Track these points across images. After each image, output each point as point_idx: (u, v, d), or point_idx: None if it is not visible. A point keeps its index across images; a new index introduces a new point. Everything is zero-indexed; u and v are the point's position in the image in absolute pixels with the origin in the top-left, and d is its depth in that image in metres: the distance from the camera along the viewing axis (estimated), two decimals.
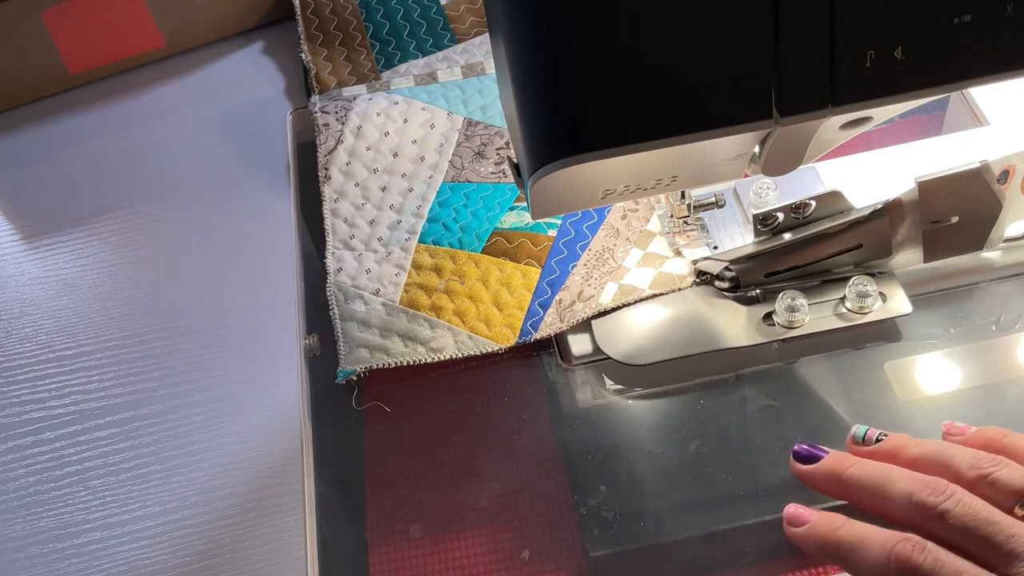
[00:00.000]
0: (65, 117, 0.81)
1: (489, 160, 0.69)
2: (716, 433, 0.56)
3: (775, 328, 0.58)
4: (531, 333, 0.60)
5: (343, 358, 0.59)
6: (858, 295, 0.57)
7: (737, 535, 0.53)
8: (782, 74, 0.42)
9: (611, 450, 0.57)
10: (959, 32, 0.42)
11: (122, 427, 0.63)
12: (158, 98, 0.82)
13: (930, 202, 0.56)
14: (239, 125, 0.79)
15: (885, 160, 0.65)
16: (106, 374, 0.66)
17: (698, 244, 0.62)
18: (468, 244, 0.64)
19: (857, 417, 0.56)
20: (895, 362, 0.59)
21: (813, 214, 0.58)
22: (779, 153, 0.49)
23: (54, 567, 0.58)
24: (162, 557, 0.58)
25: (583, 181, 0.48)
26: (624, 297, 0.60)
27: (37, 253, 0.73)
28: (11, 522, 0.60)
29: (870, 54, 0.42)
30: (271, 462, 0.61)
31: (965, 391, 0.57)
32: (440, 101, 0.73)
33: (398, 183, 0.68)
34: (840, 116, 0.45)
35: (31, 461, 0.62)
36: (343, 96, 0.74)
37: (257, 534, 0.58)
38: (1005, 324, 0.60)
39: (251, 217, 0.73)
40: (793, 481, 0.53)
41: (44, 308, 0.70)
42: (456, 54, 0.77)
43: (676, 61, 0.41)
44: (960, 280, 0.61)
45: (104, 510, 0.60)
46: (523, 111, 0.43)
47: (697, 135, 0.43)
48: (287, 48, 0.83)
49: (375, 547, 0.56)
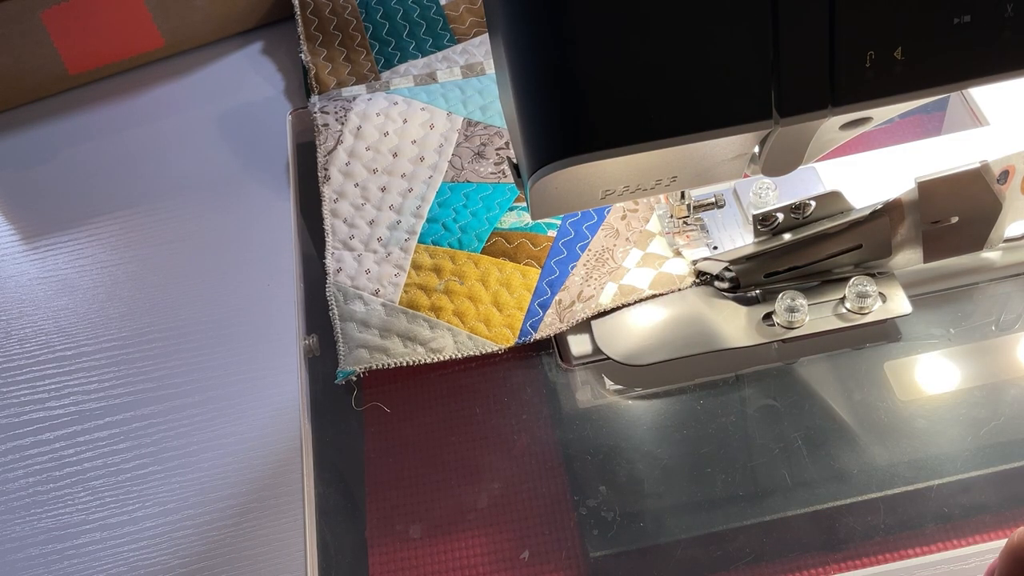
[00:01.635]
0: (65, 117, 0.81)
1: (489, 160, 0.69)
2: (716, 433, 0.56)
3: (775, 328, 0.57)
4: (531, 333, 0.60)
5: (343, 358, 0.59)
6: (858, 295, 0.57)
7: (737, 535, 0.53)
8: (782, 74, 0.42)
9: (611, 450, 0.57)
10: (959, 32, 0.42)
11: (122, 427, 0.63)
12: (158, 98, 0.82)
13: (930, 202, 0.56)
14: (239, 125, 0.79)
15: (885, 160, 0.65)
16: (105, 375, 0.66)
17: (698, 244, 0.62)
18: (468, 244, 0.64)
19: (857, 417, 0.56)
20: (895, 362, 0.59)
21: (813, 214, 0.58)
22: (779, 153, 0.49)
23: (54, 568, 0.58)
24: (162, 557, 0.58)
25: (583, 181, 0.48)
26: (624, 297, 0.60)
27: (37, 253, 0.73)
28: (11, 523, 0.60)
29: (870, 54, 0.42)
30: (271, 462, 0.61)
31: (965, 391, 0.57)
32: (440, 101, 0.73)
33: (398, 183, 0.68)
34: (840, 116, 0.45)
35: (31, 462, 0.62)
36: (343, 96, 0.74)
37: (257, 534, 0.58)
38: (1005, 324, 0.60)
39: (251, 217, 0.73)
40: (793, 481, 0.53)
41: (44, 309, 0.70)
42: (456, 54, 0.77)
43: (676, 61, 0.41)
44: (960, 280, 0.61)
45: (104, 511, 0.60)
46: (523, 111, 0.43)
47: (697, 135, 0.43)
48: (287, 48, 0.83)
49: (375, 547, 0.56)
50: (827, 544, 0.53)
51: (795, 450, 0.55)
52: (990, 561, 0.49)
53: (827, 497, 0.54)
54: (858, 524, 0.53)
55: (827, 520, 0.54)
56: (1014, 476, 0.54)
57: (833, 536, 0.53)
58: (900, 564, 0.52)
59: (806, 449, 0.55)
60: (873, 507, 0.54)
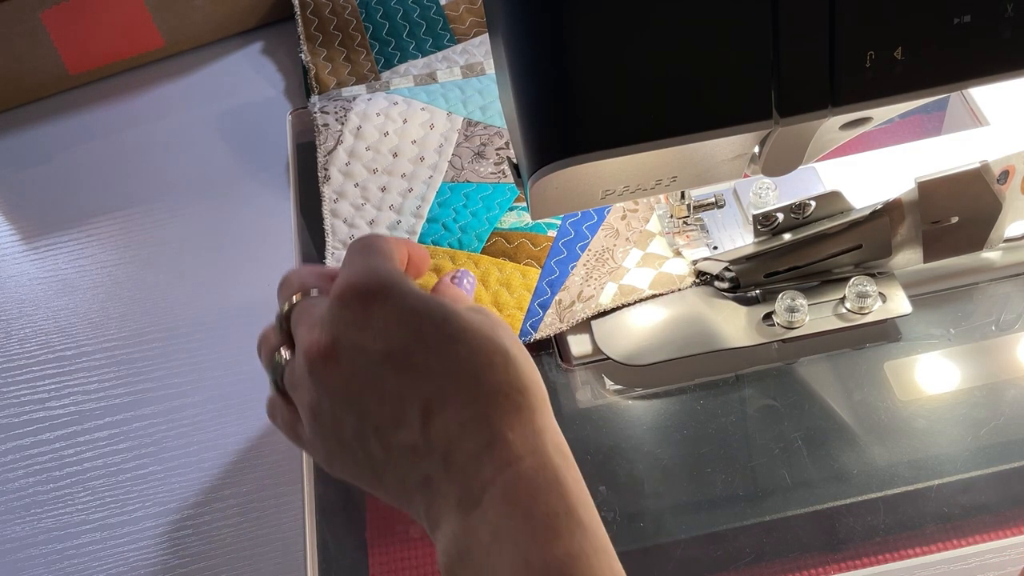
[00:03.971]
0: (65, 117, 0.81)
1: (489, 160, 0.69)
2: (716, 433, 0.56)
3: (775, 328, 0.57)
4: (531, 333, 0.60)
5: None
6: (858, 295, 0.57)
7: (737, 535, 0.53)
8: (782, 74, 0.42)
9: (611, 450, 0.56)
10: (959, 32, 0.42)
11: (122, 427, 0.63)
12: (158, 98, 0.82)
13: (930, 202, 0.56)
14: (239, 125, 0.79)
15: (885, 160, 0.65)
16: (106, 374, 0.66)
17: (698, 244, 0.62)
18: (468, 244, 0.64)
19: (857, 417, 0.56)
20: (895, 362, 0.59)
21: (813, 214, 0.58)
22: (779, 153, 0.49)
23: (54, 568, 0.58)
24: (162, 557, 0.58)
25: (583, 181, 0.48)
26: (624, 297, 0.60)
27: (37, 253, 0.73)
28: (11, 523, 0.60)
29: (870, 54, 0.42)
30: (271, 462, 0.61)
31: (965, 391, 0.57)
32: (440, 101, 0.73)
33: (397, 183, 0.68)
34: (840, 116, 0.45)
35: (31, 462, 0.62)
36: (343, 96, 0.74)
37: (257, 534, 0.58)
38: (1005, 324, 0.60)
39: (251, 217, 0.73)
40: (793, 481, 0.53)
41: (44, 308, 0.70)
42: (456, 54, 0.77)
43: (676, 61, 0.41)
44: (960, 280, 0.61)
45: (104, 511, 0.60)
46: (523, 111, 0.43)
47: (697, 135, 0.43)
48: (287, 48, 0.83)
49: (375, 547, 0.56)
50: (827, 544, 0.53)
51: (795, 450, 0.55)
52: (990, 561, 0.49)
53: (827, 497, 0.54)
54: (858, 524, 0.53)
55: (827, 520, 0.54)
56: (1014, 476, 0.54)
57: (833, 536, 0.53)
58: (900, 564, 0.52)
59: (806, 449, 0.55)
60: (873, 507, 0.54)
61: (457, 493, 0.40)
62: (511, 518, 0.39)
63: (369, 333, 0.42)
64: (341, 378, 0.43)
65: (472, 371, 0.41)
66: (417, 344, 0.42)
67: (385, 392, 0.42)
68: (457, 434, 0.41)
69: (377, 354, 0.42)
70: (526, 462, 0.40)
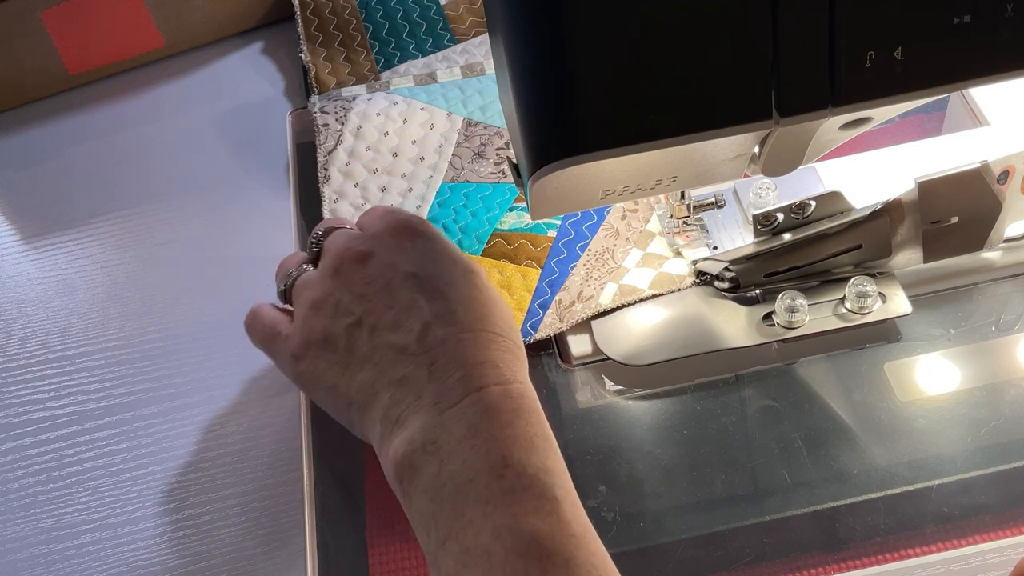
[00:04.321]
0: (65, 117, 0.81)
1: (489, 160, 0.69)
2: (716, 433, 0.56)
3: (775, 328, 0.57)
4: (531, 334, 0.59)
5: None
6: (858, 295, 0.57)
7: (737, 535, 0.53)
8: (782, 74, 0.42)
9: (611, 451, 0.57)
10: (959, 32, 0.42)
11: (122, 427, 0.63)
12: (158, 98, 0.82)
13: (930, 202, 0.56)
14: (239, 125, 0.79)
15: (885, 160, 0.65)
16: (106, 375, 0.66)
17: (698, 244, 0.62)
18: (468, 246, 0.64)
19: (857, 417, 0.56)
20: (895, 362, 0.59)
21: (813, 214, 0.58)
22: (779, 153, 0.49)
23: (54, 568, 0.58)
24: (162, 557, 0.58)
25: (583, 181, 0.48)
26: (624, 297, 0.60)
27: (37, 253, 0.73)
28: (11, 523, 0.60)
29: (870, 54, 0.42)
30: (271, 462, 0.61)
31: (965, 391, 0.57)
32: (440, 101, 0.73)
33: (397, 183, 0.68)
34: (840, 116, 0.45)
35: (31, 462, 0.62)
36: (343, 96, 0.74)
37: (257, 534, 0.58)
38: (1005, 324, 0.60)
39: (251, 217, 0.73)
40: (793, 481, 0.53)
41: (44, 309, 0.70)
42: (456, 54, 0.77)
43: (676, 61, 0.41)
44: (960, 280, 0.61)
45: (104, 511, 0.60)
46: (523, 111, 0.43)
47: (697, 135, 0.43)
48: (287, 48, 0.83)
49: (375, 547, 0.56)
50: (827, 544, 0.53)
51: (795, 450, 0.55)
52: (990, 561, 0.49)
53: (827, 497, 0.54)
54: (858, 524, 0.53)
55: (827, 520, 0.54)
56: (1014, 476, 0.54)
57: (833, 536, 0.53)
58: (900, 564, 0.52)
59: (806, 449, 0.55)
60: (873, 507, 0.54)
61: (435, 392, 0.44)
62: (491, 421, 0.42)
63: (405, 256, 0.48)
64: (363, 278, 0.48)
65: (483, 312, 0.46)
66: (442, 277, 0.47)
67: (397, 300, 0.47)
68: (453, 347, 0.45)
69: (404, 272, 0.48)
70: (514, 386, 0.44)
